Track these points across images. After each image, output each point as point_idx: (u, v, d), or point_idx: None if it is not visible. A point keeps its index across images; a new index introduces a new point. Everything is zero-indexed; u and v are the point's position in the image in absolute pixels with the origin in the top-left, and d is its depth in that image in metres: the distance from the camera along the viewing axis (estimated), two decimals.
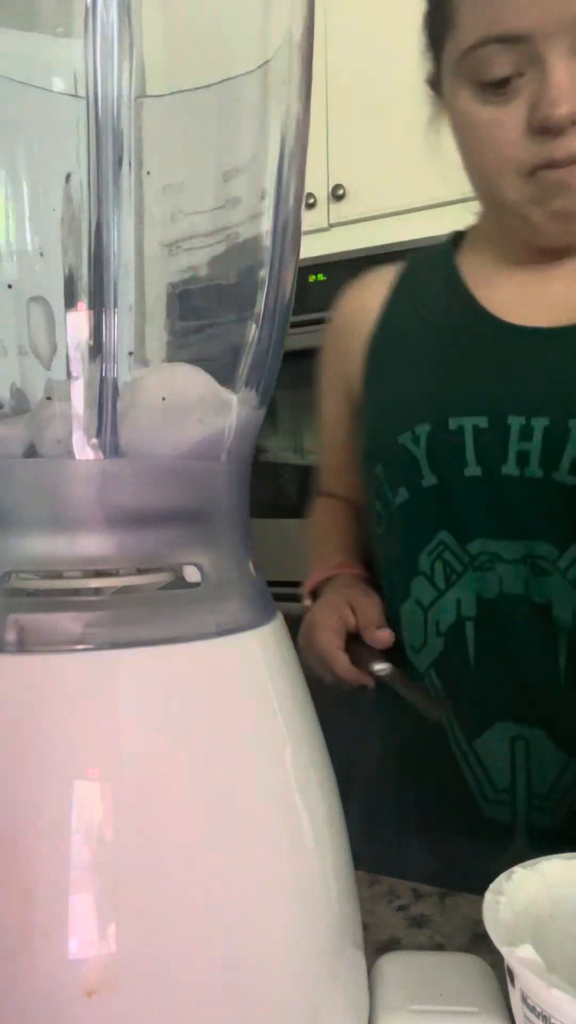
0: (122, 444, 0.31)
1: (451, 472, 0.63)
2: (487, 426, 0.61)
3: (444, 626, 0.65)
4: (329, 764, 0.35)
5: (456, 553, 0.64)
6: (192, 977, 0.28)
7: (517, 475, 0.61)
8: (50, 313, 0.32)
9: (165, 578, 0.33)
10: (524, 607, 0.61)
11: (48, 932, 0.27)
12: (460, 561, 0.64)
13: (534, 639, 0.62)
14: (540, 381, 0.61)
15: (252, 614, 0.33)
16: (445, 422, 0.63)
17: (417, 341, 0.70)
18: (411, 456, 0.65)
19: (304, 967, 0.31)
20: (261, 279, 0.35)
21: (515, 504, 0.61)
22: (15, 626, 0.29)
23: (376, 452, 0.69)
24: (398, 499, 0.67)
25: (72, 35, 0.29)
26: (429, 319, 0.70)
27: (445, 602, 0.64)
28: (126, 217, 0.31)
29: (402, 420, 0.66)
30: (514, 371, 0.62)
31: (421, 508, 0.66)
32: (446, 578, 0.64)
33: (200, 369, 0.34)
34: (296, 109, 0.34)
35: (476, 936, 0.46)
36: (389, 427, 0.67)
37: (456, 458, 0.63)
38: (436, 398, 0.65)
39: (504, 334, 0.64)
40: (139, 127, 0.32)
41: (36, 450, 0.32)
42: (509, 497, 0.61)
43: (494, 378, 0.63)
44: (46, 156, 0.32)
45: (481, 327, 0.65)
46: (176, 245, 0.35)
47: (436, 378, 0.66)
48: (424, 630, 0.66)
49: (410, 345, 0.70)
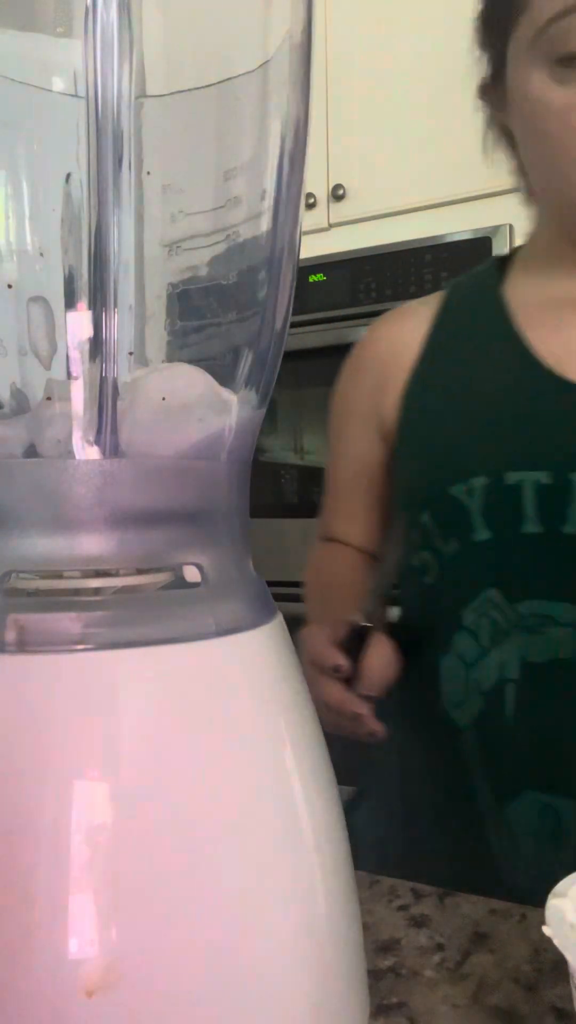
0: (122, 444, 0.31)
1: (507, 528, 0.60)
2: (549, 482, 0.59)
3: (485, 686, 0.62)
4: (329, 764, 0.35)
5: (504, 611, 0.61)
6: (192, 977, 0.28)
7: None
8: (50, 313, 0.32)
9: (165, 578, 0.33)
10: (570, 673, 0.59)
11: (48, 932, 0.27)
12: (507, 620, 0.61)
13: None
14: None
15: (252, 614, 0.33)
16: (502, 476, 0.60)
17: (467, 386, 0.66)
18: (463, 508, 0.62)
19: (304, 967, 0.31)
20: (261, 279, 0.35)
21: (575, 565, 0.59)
22: (15, 626, 0.28)
23: (423, 501, 0.66)
24: (450, 549, 0.64)
25: (72, 35, 0.29)
26: (479, 363, 0.66)
27: (489, 661, 0.62)
28: (126, 217, 0.31)
29: (454, 470, 0.63)
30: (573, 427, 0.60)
31: (470, 562, 0.63)
32: (492, 636, 0.62)
33: (200, 369, 0.34)
34: (296, 109, 0.34)
35: (476, 936, 0.46)
36: (439, 476, 0.64)
37: (514, 514, 0.60)
38: (492, 450, 0.62)
39: (562, 391, 0.61)
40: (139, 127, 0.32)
41: (36, 450, 0.32)
42: (569, 557, 0.59)
43: (554, 433, 0.60)
44: (46, 156, 0.32)
45: (538, 381, 0.62)
46: (176, 245, 0.35)
47: (492, 429, 0.63)
48: (465, 687, 0.63)
49: (459, 390, 0.66)
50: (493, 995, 0.40)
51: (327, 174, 1.97)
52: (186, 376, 0.34)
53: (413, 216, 1.84)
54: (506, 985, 0.41)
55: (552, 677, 0.59)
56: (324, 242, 1.98)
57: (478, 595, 0.62)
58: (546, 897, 0.34)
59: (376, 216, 1.92)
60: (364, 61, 1.88)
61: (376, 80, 1.85)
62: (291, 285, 0.36)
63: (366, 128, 1.87)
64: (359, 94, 1.90)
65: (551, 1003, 0.40)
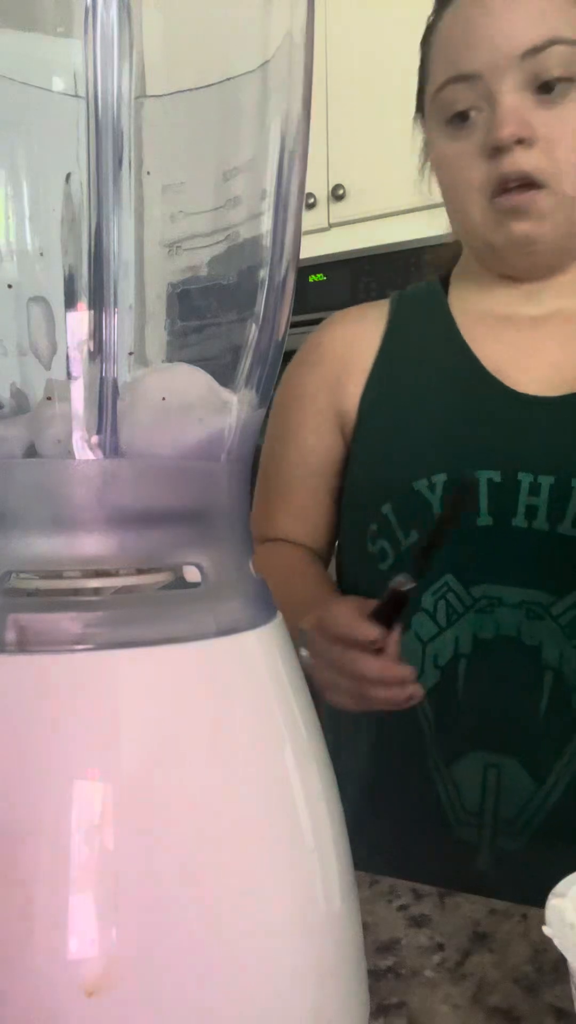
0: (122, 444, 0.31)
1: (464, 521, 0.67)
2: (500, 481, 0.67)
3: (442, 660, 0.69)
4: (329, 764, 0.35)
5: (459, 595, 0.68)
6: (192, 977, 0.28)
7: (525, 527, 0.66)
8: (50, 313, 0.32)
9: (165, 578, 0.33)
10: (515, 647, 0.66)
11: (48, 932, 0.27)
12: (463, 603, 0.68)
13: (521, 676, 0.67)
14: (544, 443, 0.67)
15: (252, 614, 0.33)
16: (461, 474, 0.68)
17: (424, 391, 0.74)
18: (426, 502, 0.69)
19: (304, 967, 0.31)
20: (261, 279, 0.35)
21: (521, 554, 0.66)
22: (15, 626, 0.28)
23: (385, 493, 0.72)
24: (409, 539, 0.70)
25: (72, 35, 0.29)
26: (433, 369, 0.74)
27: (445, 638, 0.69)
28: (126, 217, 0.31)
29: (417, 467, 0.70)
30: (520, 432, 0.68)
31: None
32: (447, 617, 0.68)
33: (200, 369, 0.34)
34: (296, 109, 0.34)
35: (476, 936, 0.46)
36: (403, 471, 0.71)
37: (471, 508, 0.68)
38: (451, 450, 0.70)
39: (511, 400, 0.70)
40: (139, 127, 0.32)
41: (36, 450, 0.32)
42: (517, 547, 0.66)
43: (503, 437, 0.68)
44: (46, 156, 0.32)
45: (488, 391, 0.71)
46: (176, 245, 0.35)
47: (450, 431, 0.71)
48: (421, 662, 0.69)
49: (417, 393, 0.74)
50: (493, 995, 0.40)
51: (327, 174, 1.97)
52: (186, 376, 0.34)
53: (413, 216, 1.84)
54: (506, 985, 0.41)
55: (498, 651, 0.67)
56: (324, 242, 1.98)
57: (436, 580, 0.69)
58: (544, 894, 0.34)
59: (376, 216, 1.92)
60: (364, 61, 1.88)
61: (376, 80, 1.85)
62: (291, 285, 0.36)
63: (366, 128, 1.87)
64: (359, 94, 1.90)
65: (551, 1003, 0.40)
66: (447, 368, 0.74)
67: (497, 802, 0.67)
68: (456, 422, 0.71)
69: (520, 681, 0.66)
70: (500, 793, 0.66)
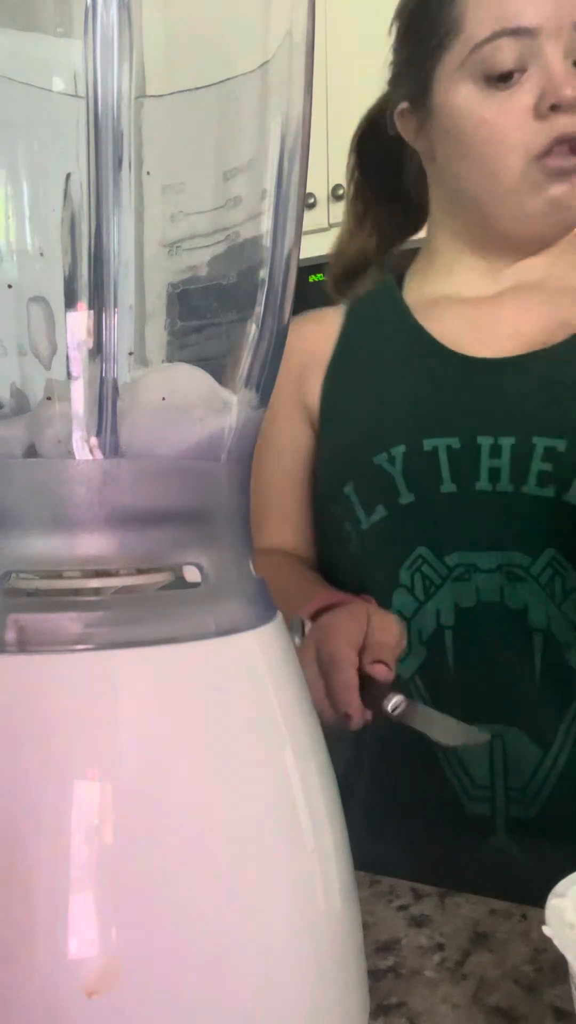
0: (122, 444, 0.31)
1: (428, 490, 0.68)
2: (459, 447, 0.67)
3: (425, 635, 0.68)
4: (329, 764, 0.35)
5: (434, 566, 0.68)
6: (192, 977, 0.28)
7: (490, 490, 0.66)
8: (50, 313, 0.32)
9: (165, 578, 0.33)
10: (500, 612, 0.66)
11: (48, 932, 0.27)
12: (438, 573, 0.68)
13: (510, 642, 0.66)
14: (501, 405, 0.67)
15: (252, 614, 0.33)
16: (420, 443, 0.68)
17: (379, 371, 0.75)
18: (387, 475, 0.69)
19: (304, 967, 0.31)
20: (261, 279, 0.35)
21: (489, 517, 0.66)
22: (15, 626, 0.28)
23: (346, 472, 0.73)
24: (374, 517, 0.70)
25: (72, 35, 0.29)
26: (387, 349, 0.76)
27: (425, 612, 0.68)
28: (126, 217, 0.31)
29: (376, 442, 0.70)
30: (476, 397, 0.69)
31: (399, 525, 0.69)
32: (425, 590, 0.68)
33: (200, 369, 0.34)
34: (296, 109, 0.34)
35: (476, 936, 0.46)
36: (362, 448, 0.71)
37: (432, 476, 0.68)
38: (408, 422, 0.70)
39: (465, 365, 0.70)
40: (139, 127, 0.32)
41: (36, 450, 0.32)
42: (483, 511, 0.66)
43: (459, 404, 0.69)
44: (46, 156, 0.32)
45: (441, 359, 0.71)
46: (176, 245, 0.35)
47: (405, 404, 0.71)
48: (408, 639, 0.68)
49: (372, 375, 0.75)
50: (493, 995, 0.40)
51: (327, 174, 1.96)
52: (186, 376, 0.34)
53: None
54: (506, 985, 0.41)
55: (482, 618, 0.67)
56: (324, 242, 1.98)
57: (410, 554, 0.69)
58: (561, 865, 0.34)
59: None
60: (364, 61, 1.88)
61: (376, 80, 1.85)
62: (291, 285, 0.36)
63: None
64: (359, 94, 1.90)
65: (551, 1003, 0.40)
66: (399, 345, 0.75)
67: (506, 773, 0.66)
68: (411, 394, 0.71)
69: (509, 646, 0.66)
70: (507, 764, 0.66)
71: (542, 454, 0.64)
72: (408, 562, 0.69)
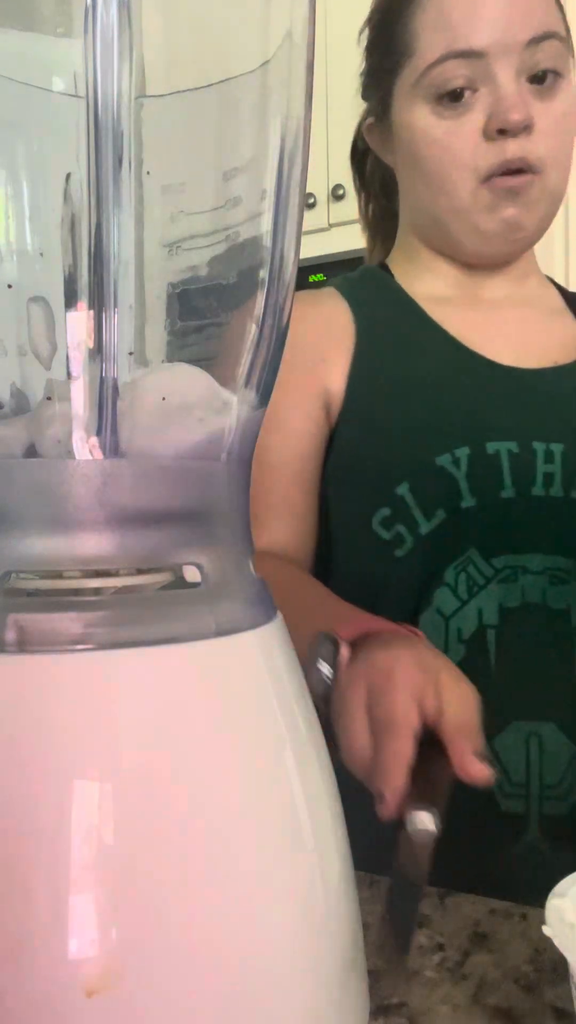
0: (122, 444, 0.31)
1: (490, 494, 0.68)
2: (518, 451, 0.68)
3: (466, 634, 0.68)
4: (329, 764, 0.35)
5: (480, 567, 0.68)
6: (192, 977, 0.28)
7: (543, 495, 0.68)
8: (50, 313, 0.32)
9: (165, 578, 0.33)
10: (543, 614, 0.67)
11: (48, 932, 0.27)
12: (483, 575, 0.68)
13: (551, 642, 0.67)
14: (548, 413, 0.69)
15: (252, 614, 0.33)
16: (483, 446, 0.68)
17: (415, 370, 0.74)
18: (451, 477, 0.68)
19: (304, 967, 0.31)
20: (261, 279, 0.35)
21: (541, 521, 0.68)
22: (15, 626, 0.28)
23: (401, 472, 0.69)
24: (435, 520, 0.69)
25: (72, 35, 0.29)
26: (416, 350, 0.75)
27: (467, 611, 0.68)
28: (126, 217, 0.31)
29: (438, 443, 0.69)
30: (524, 404, 0.70)
31: (457, 528, 0.69)
32: (468, 589, 0.68)
33: (200, 369, 0.34)
34: (296, 109, 0.34)
35: (476, 936, 0.46)
36: (424, 449, 0.69)
37: (495, 481, 0.68)
38: (469, 424, 0.70)
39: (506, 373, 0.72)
40: (139, 127, 0.32)
41: (36, 450, 0.32)
42: (537, 515, 0.68)
43: (511, 409, 0.70)
44: (46, 156, 0.32)
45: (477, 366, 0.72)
46: (176, 245, 0.35)
47: (462, 406, 0.71)
48: (445, 637, 0.68)
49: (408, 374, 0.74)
50: (493, 995, 0.40)
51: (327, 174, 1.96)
52: (186, 376, 0.34)
53: None
54: (506, 985, 0.41)
55: (525, 618, 0.67)
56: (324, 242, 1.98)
57: (459, 555, 0.69)
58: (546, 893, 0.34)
59: None
60: None
61: None
62: (291, 285, 0.36)
63: None
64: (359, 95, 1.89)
65: (551, 1003, 0.40)
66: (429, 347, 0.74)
67: (541, 770, 0.67)
68: (465, 397, 0.71)
69: (551, 646, 0.67)
70: (543, 760, 0.67)
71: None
72: (456, 563, 0.69)
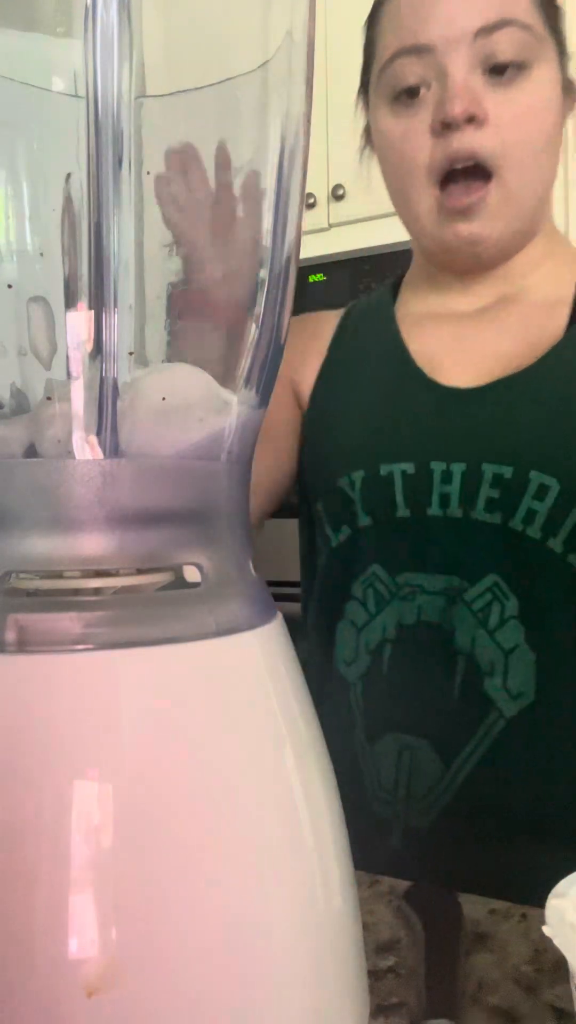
0: (122, 444, 0.31)
1: (383, 514, 0.70)
2: (413, 472, 0.69)
3: (371, 645, 0.72)
4: (329, 764, 0.35)
5: (385, 583, 0.71)
6: (192, 977, 0.28)
7: (440, 515, 0.68)
8: (50, 313, 0.32)
9: (165, 578, 0.33)
10: (434, 633, 0.69)
11: (48, 932, 0.27)
12: (388, 590, 0.71)
13: (437, 662, 0.69)
14: (458, 432, 0.69)
15: (252, 614, 0.33)
16: (377, 468, 0.70)
17: (357, 390, 0.76)
18: (348, 499, 0.72)
19: (304, 967, 0.31)
20: (261, 279, 0.35)
21: (438, 541, 0.69)
22: (15, 626, 0.28)
23: (315, 491, 0.76)
24: (341, 535, 0.74)
25: (72, 35, 0.29)
26: (369, 368, 0.76)
27: (374, 624, 0.72)
28: (126, 217, 0.31)
29: (340, 466, 0.72)
30: (436, 423, 0.70)
31: (358, 545, 0.73)
32: (376, 604, 0.72)
33: (200, 369, 0.34)
34: (297, 109, 0.34)
35: (476, 936, 0.46)
36: (329, 471, 0.74)
37: (387, 501, 0.70)
38: (369, 447, 0.72)
39: (431, 391, 0.71)
40: (139, 127, 0.32)
41: (36, 450, 0.32)
42: (434, 535, 0.69)
43: (420, 429, 0.70)
44: (46, 156, 0.32)
45: (412, 382, 0.72)
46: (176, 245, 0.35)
47: (371, 428, 0.73)
48: (356, 647, 0.73)
49: (351, 393, 0.76)
50: (493, 995, 0.40)
51: (327, 174, 1.96)
52: (186, 376, 0.34)
53: None
54: (506, 985, 0.41)
55: (416, 637, 0.70)
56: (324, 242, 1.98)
57: (365, 571, 0.72)
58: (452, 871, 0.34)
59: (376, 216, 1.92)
60: None
61: None
62: (291, 285, 0.36)
63: None
64: None
65: (551, 1003, 0.40)
66: (381, 365, 0.75)
67: (410, 781, 0.70)
68: (378, 417, 0.73)
69: (435, 666, 0.69)
70: (412, 773, 0.69)
71: (490, 480, 0.66)
72: (362, 578, 0.72)
